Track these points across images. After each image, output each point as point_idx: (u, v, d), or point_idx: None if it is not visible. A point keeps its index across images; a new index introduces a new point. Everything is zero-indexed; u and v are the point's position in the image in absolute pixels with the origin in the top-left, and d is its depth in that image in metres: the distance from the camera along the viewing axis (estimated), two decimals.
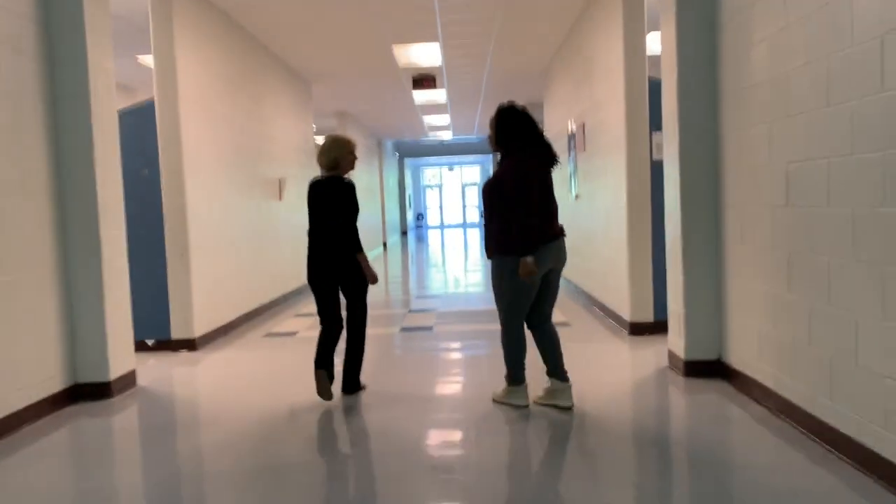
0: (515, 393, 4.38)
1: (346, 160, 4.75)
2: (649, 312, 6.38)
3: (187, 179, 6.44)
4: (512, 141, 4.22)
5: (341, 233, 4.58)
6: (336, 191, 4.64)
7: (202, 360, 6.19)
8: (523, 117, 4.26)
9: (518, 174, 4.13)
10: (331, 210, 4.63)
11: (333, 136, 4.83)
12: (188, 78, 6.56)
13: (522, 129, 4.22)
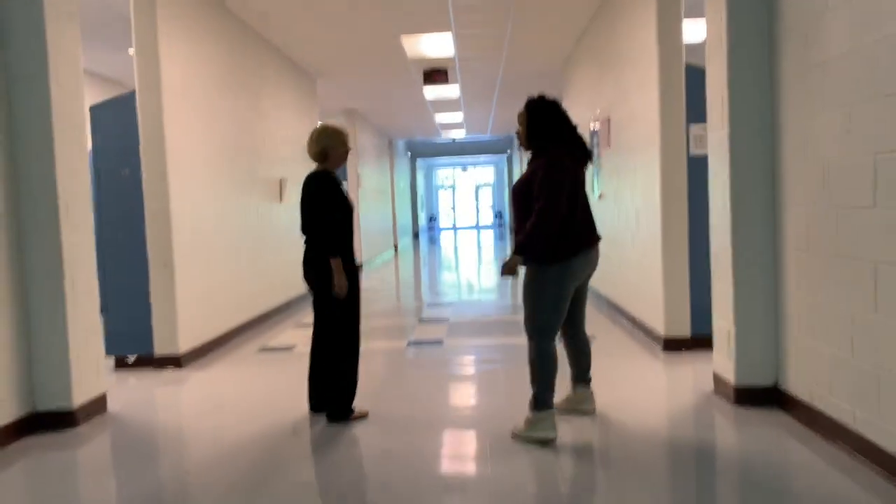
0: (543, 422, 3.76)
1: (335, 152, 4.16)
2: (686, 326, 5.70)
3: (172, 180, 5.82)
4: (545, 137, 3.79)
5: (313, 233, 4.10)
6: (310, 185, 4.13)
7: (187, 380, 5.57)
8: (556, 111, 3.84)
9: (553, 173, 3.65)
10: (306, 207, 4.16)
11: (323, 126, 4.26)
12: (174, 67, 5.95)
13: (556, 124, 3.81)
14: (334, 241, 4.05)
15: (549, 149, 3.76)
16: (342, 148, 4.19)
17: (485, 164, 34.51)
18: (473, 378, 5.33)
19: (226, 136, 7.10)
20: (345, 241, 4.13)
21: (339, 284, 4.04)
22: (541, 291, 3.76)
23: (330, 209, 4.06)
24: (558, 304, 3.77)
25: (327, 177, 4.14)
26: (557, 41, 9.36)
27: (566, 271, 3.74)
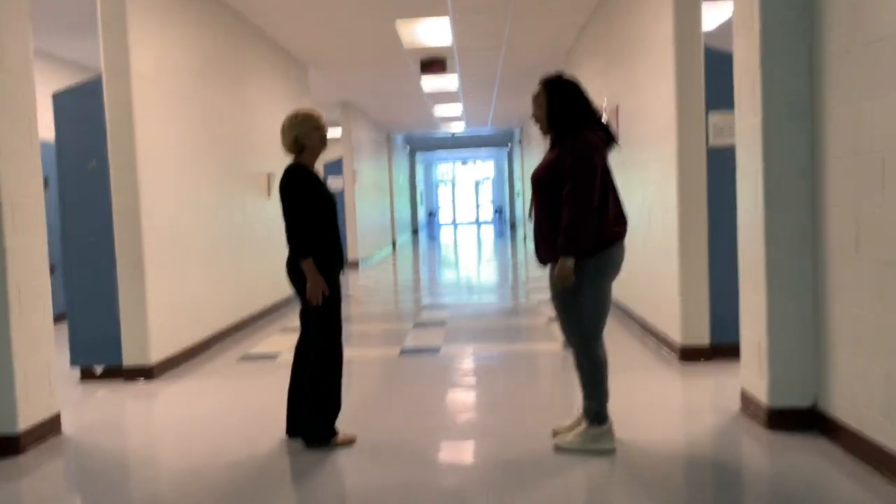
0: (603, 436, 3.47)
1: (310, 139, 3.70)
2: (704, 334, 5.20)
3: (142, 173, 5.32)
4: (568, 119, 3.38)
5: (287, 233, 3.64)
6: (281, 181, 3.67)
7: (157, 394, 5.08)
8: (577, 90, 3.44)
9: (585, 156, 3.29)
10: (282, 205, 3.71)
11: (292, 112, 3.80)
12: (145, 51, 5.44)
13: (579, 104, 3.43)
14: (303, 240, 3.58)
15: (574, 131, 3.35)
16: (316, 133, 3.70)
17: (485, 158, 33.99)
18: (473, 394, 4.83)
19: (206, 126, 6.60)
20: (323, 241, 3.64)
21: (312, 289, 3.57)
22: (581, 291, 3.35)
23: (298, 206, 3.59)
24: (603, 301, 3.41)
25: (297, 170, 3.67)
26: (560, 29, 8.84)
27: (606, 263, 3.37)
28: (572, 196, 3.26)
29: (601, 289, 3.40)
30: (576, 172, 3.26)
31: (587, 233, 3.28)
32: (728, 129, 5.18)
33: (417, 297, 9.81)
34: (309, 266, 3.56)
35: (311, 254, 3.57)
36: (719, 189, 5.16)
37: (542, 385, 4.92)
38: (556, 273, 3.34)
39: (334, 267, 3.70)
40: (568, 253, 3.29)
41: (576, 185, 3.26)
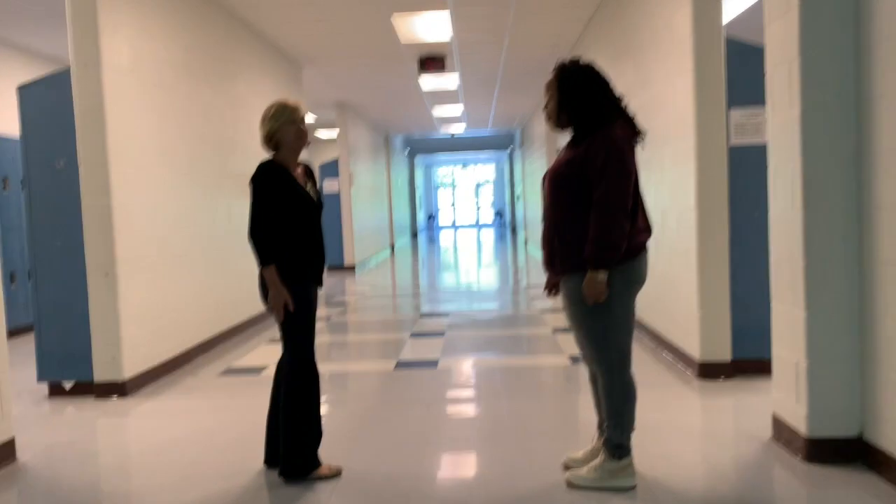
0: (623, 471, 3.05)
1: (284, 134, 3.30)
2: (726, 349, 4.79)
3: (115, 172, 4.90)
4: (591, 111, 2.97)
5: (250, 236, 3.23)
6: (251, 178, 3.26)
7: (131, 412, 4.66)
8: (598, 76, 3.03)
9: (620, 155, 2.88)
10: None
11: (268, 106, 3.33)
12: (119, 41, 5.03)
13: (604, 93, 3.00)
14: (266, 245, 3.18)
15: (602, 124, 2.93)
16: (290, 128, 3.29)
17: (485, 161, 33.58)
18: (474, 417, 4.40)
19: (189, 123, 6.18)
20: (296, 249, 3.23)
21: (273, 301, 3.17)
22: (608, 307, 2.93)
23: (265, 207, 3.19)
24: (629, 317, 3.01)
25: (269, 167, 3.25)
26: (565, 23, 8.42)
27: (634, 274, 2.97)
28: (606, 200, 2.85)
29: (629, 304, 3.00)
30: (610, 173, 2.85)
31: (622, 242, 2.88)
32: (751, 126, 4.78)
33: (415, 304, 9.39)
34: (271, 275, 3.16)
35: (274, 261, 3.16)
36: (741, 190, 4.76)
37: (549, 406, 4.50)
38: (585, 288, 2.91)
39: (308, 279, 3.28)
40: (601, 265, 2.87)
41: (610, 187, 2.85)
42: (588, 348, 3.05)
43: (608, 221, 2.85)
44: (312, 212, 3.31)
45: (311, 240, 3.29)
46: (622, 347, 3.01)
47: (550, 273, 3.14)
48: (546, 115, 3.09)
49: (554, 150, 13.80)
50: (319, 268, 3.37)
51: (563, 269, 3.02)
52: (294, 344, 3.27)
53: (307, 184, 3.39)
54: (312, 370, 3.30)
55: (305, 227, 3.27)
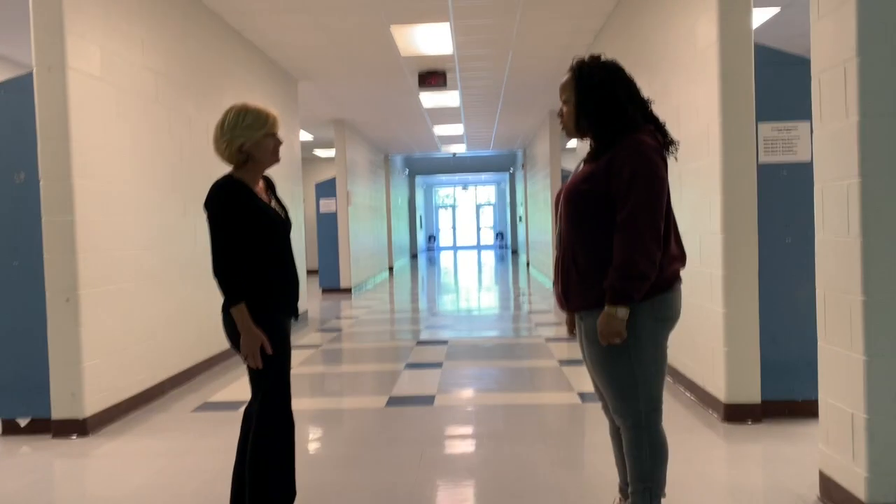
0: None
1: (260, 148, 2.85)
2: (755, 389, 4.30)
3: (79, 186, 4.44)
4: (617, 113, 2.49)
5: (215, 270, 2.74)
6: (207, 200, 2.78)
7: (91, 454, 4.16)
8: (624, 76, 2.57)
9: (650, 167, 2.41)
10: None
11: (234, 109, 2.87)
12: (87, 43, 4.59)
13: (629, 95, 2.53)
14: (234, 280, 2.70)
15: (627, 131, 2.47)
16: (269, 141, 2.82)
17: (486, 182, 33.23)
18: (473, 469, 3.89)
19: (169, 137, 5.73)
20: (264, 280, 2.76)
21: (245, 344, 2.68)
22: (636, 349, 2.46)
23: (229, 234, 2.70)
24: (661, 361, 2.52)
25: (231, 186, 2.77)
26: (573, 35, 8.01)
27: (667, 310, 2.50)
28: (633, 220, 2.37)
29: (661, 345, 2.51)
30: (638, 187, 2.38)
31: (651, 272, 2.40)
32: (782, 143, 4.33)
33: (412, 330, 8.89)
34: (241, 315, 2.68)
35: (243, 298, 2.69)
36: (770, 213, 4.30)
37: (558, 453, 3.98)
38: (600, 325, 2.43)
39: (279, 313, 2.81)
40: (622, 299, 2.38)
41: (638, 205, 2.37)
42: (611, 398, 2.56)
43: (634, 246, 2.37)
44: (282, 233, 2.84)
45: (282, 266, 2.82)
46: (652, 397, 2.52)
47: (565, 309, 2.66)
48: (561, 122, 2.63)
49: (559, 170, 13.37)
50: (293, 297, 2.89)
51: (580, 303, 2.54)
52: (265, 389, 2.79)
53: (270, 200, 2.93)
54: (286, 420, 2.81)
55: (275, 252, 2.80)
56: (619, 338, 2.40)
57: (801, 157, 4.32)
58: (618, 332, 2.39)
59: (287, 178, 9.12)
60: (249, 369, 2.79)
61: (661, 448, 2.55)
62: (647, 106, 2.57)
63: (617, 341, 2.41)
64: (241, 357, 2.74)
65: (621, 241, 2.39)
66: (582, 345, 2.65)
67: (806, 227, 4.31)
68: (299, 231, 9.76)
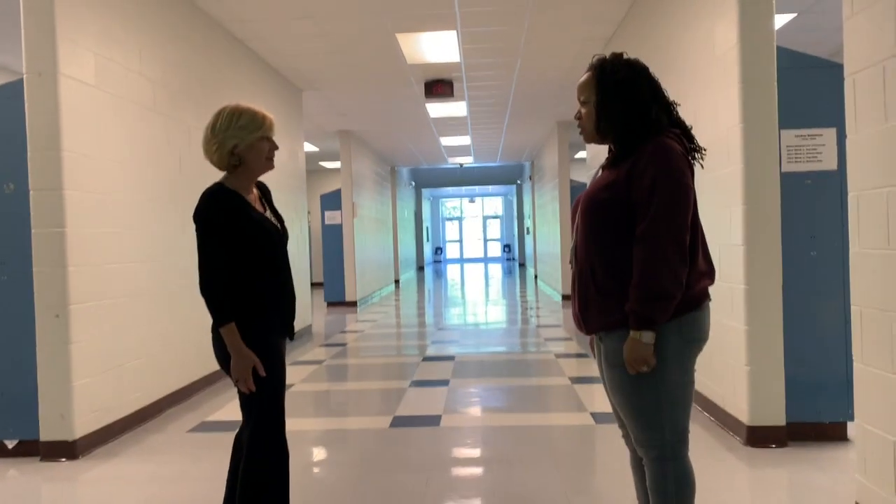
0: None
1: (256, 150, 2.63)
2: (779, 411, 4.07)
3: (71, 199, 4.26)
4: (642, 115, 2.27)
5: (202, 287, 2.53)
6: (196, 211, 2.58)
7: (79, 478, 3.96)
8: (650, 76, 2.36)
9: (675, 174, 2.19)
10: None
11: (226, 110, 2.64)
12: (81, 49, 4.42)
13: (654, 97, 2.32)
14: (223, 298, 2.49)
15: (649, 135, 2.25)
16: (264, 145, 2.61)
17: (493, 195, 33.09)
18: (481, 494, 3.67)
19: (167, 147, 5.56)
20: (259, 296, 2.56)
21: (237, 367, 2.47)
22: (661, 374, 2.23)
23: (217, 248, 2.50)
24: (688, 387, 2.30)
25: (221, 194, 2.56)
26: (584, 42, 7.82)
27: (692, 331, 2.27)
28: (655, 233, 2.15)
29: (688, 369, 2.29)
30: (662, 195, 2.16)
31: (676, 290, 2.18)
32: (806, 150, 4.13)
33: (418, 346, 8.67)
34: (232, 336, 2.47)
35: (233, 317, 2.48)
36: (794, 224, 4.09)
37: (571, 480, 3.75)
38: (627, 353, 2.21)
39: (273, 333, 2.60)
40: (647, 322, 2.16)
41: (661, 215, 2.15)
42: (634, 427, 2.34)
43: (656, 262, 2.15)
44: (277, 245, 2.64)
45: (277, 281, 2.62)
46: (679, 427, 2.30)
47: (583, 331, 2.44)
48: (579, 125, 2.42)
49: (568, 182, 13.17)
50: (289, 315, 2.69)
51: (599, 324, 2.32)
52: (257, 415, 2.57)
53: (265, 209, 2.73)
54: (279, 449, 2.60)
55: (270, 266, 2.60)
56: (648, 366, 2.19)
57: (826, 166, 4.11)
58: (644, 360, 2.18)
59: (291, 190, 8.95)
60: (240, 393, 2.59)
61: (689, 482, 2.32)
62: (672, 109, 2.36)
63: (645, 369, 2.19)
64: (232, 380, 2.54)
65: (642, 256, 2.18)
66: (601, 368, 2.43)
67: (832, 238, 4.11)
68: (303, 243, 9.57)
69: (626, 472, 2.58)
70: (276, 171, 8.82)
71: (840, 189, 4.09)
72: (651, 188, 2.16)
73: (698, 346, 2.30)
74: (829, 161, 4.10)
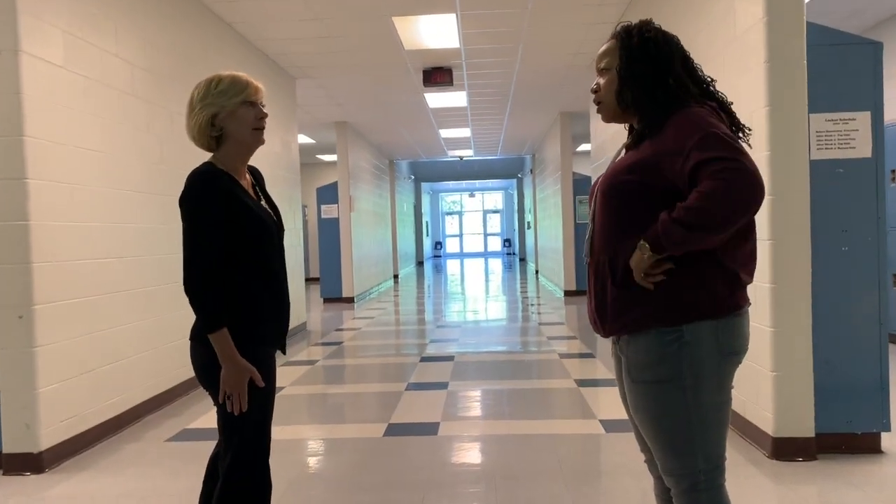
0: None
1: (238, 119, 2.25)
2: (808, 422, 3.73)
3: (35, 189, 3.91)
4: (675, 84, 1.95)
5: (186, 285, 2.14)
6: (182, 195, 2.19)
7: (44, 495, 3.62)
8: (680, 46, 2.05)
9: (716, 133, 1.80)
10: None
11: (204, 80, 2.27)
12: (48, 25, 4.07)
13: (686, 68, 2.01)
14: (212, 299, 2.12)
15: (677, 105, 1.92)
16: (248, 111, 2.23)
17: (493, 189, 32.73)
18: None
19: (148, 135, 5.20)
20: (250, 298, 2.20)
21: (229, 381, 2.12)
22: (692, 391, 1.90)
23: (206, 239, 2.13)
24: (725, 406, 1.96)
25: (208, 177, 2.17)
26: (591, 27, 7.47)
27: (731, 340, 1.93)
28: (719, 174, 1.75)
29: (726, 386, 1.95)
30: (716, 148, 1.78)
31: (726, 226, 1.79)
32: (837, 136, 3.78)
33: (417, 345, 8.33)
34: (223, 344, 2.10)
35: (225, 321, 2.12)
36: (824, 216, 3.74)
37: (583, 501, 3.42)
38: (633, 258, 1.89)
39: (265, 343, 2.24)
40: (673, 242, 1.82)
41: (723, 160, 1.76)
42: (660, 454, 2.00)
43: (722, 195, 1.75)
44: (273, 239, 2.26)
45: (272, 281, 2.25)
46: (714, 453, 1.96)
47: (601, 333, 2.10)
48: (596, 99, 2.08)
49: (571, 174, 12.81)
50: (283, 323, 2.32)
51: (620, 325, 1.98)
52: (239, 445, 2.19)
53: (259, 197, 2.37)
54: (261, 481, 2.23)
55: (264, 264, 2.23)
56: (650, 277, 1.87)
57: (859, 153, 3.76)
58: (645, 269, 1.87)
59: (286, 182, 8.60)
60: (221, 413, 2.20)
61: None
62: (706, 82, 2.02)
63: (643, 280, 1.88)
64: (220, 396, 2.15)
65: (706, 189, 1.77)
66: (620, 381, 2.10)
67: (865, 232, 3.76)
68: (298, 238, 9.22)
69: (642, 488, 2.24)
70: (270, 163, 8.53)
71: (875, 178, 3.75)
72: (700, 144, 1.80)
73: (737, 360, 1.96)
74: (862, 148, 3.75)
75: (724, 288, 1.90)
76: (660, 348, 1.92)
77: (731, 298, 1.91)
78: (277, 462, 2.37)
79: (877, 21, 7.44)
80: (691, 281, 1.88)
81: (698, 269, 1.87)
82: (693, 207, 1.78)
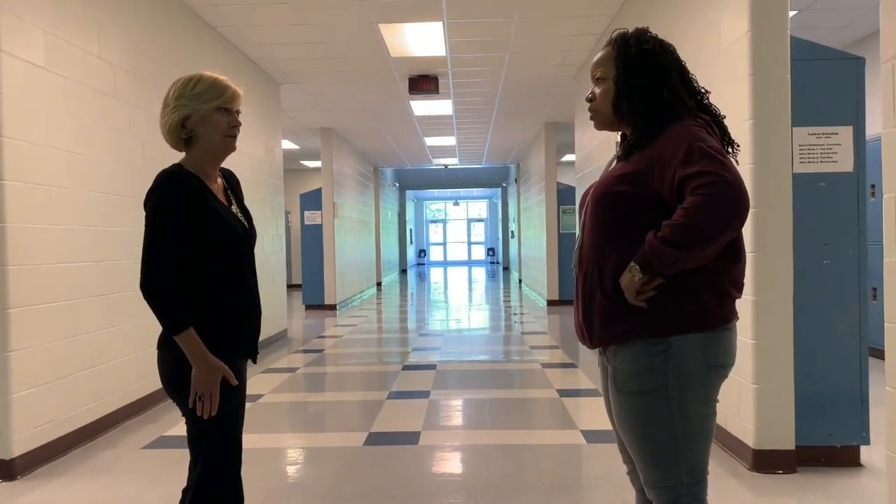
0: None
1: (211, 124, 2.18)
2: (789, 434, 3.73)
3: (11, 190, 3.85)
4: (669, 97, 1.94)
5: (143, 288, 2.10)
6: (146, 197, 2.12)
7: (18, 501, 3.54)
8: (677, 57, 2.03)
9: (706, 148, 1.81)
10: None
11: (179, 80, 2.22)
12: (29, 25, 4.01)
13: (682, 79, 1.99)
14: (173, 300, 2.07)
15: (671, 119, 1.91)
16: (222, 117, 2.16)
17: (478, 198, 32.79)
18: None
19: (131, 138, 5.14)
20: (217, 305, 2.15)
21: (200, 381, 2.07)
22: (677, 403, 1.90)
23: (168, 240, 2.07)
24: (710, 419, 1.95)
25: (174, 178, 2.11)
26: (576, 38, 7.50)
27: (718, 354, 1.93)
28: (705, 189, 1.75)
29: (712, 399, 1.95)
30: (704, 162, 1.77)
31: (715, 241, 1.78)
32: (820, 150, 3.80)
33: (399, 353, 8.29)
34: (190, 341, 2.05)
35: (190, 321, 2.07)
36: (806, 230, 3.76)
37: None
38: (623, 279, 1.88)
39: (235, 353, 2.18)
40: (648, 265, 1.82)
41: (709, 175, 1.75)
42: (643, 465, 1.98)
43: (708, 210, 1.75)
44: (243, 246, 2.22)
45: (242, 290, 2.20)
46: (696, 465, 1.95)
47: (587, 345, 2.08)
48: (591, 108, 2.08)
49: (555, 184, 12.85)
50: (253, 332, 2.27)
51: (607, 337, 1.96)
52: (208, 456, 2.13)
53: (231, 202, 2.32)
54: (232, 490, 2.17)
55: (234, 271, 2.18)
56: (639, 297, 1.87)
57: (841, 167, 3.79)
58: (636, 290, 1.86)
59: (268, 188, 8.54)
60: (190, 423, 2.14)
61: None
62: (700, 94, 2.02)
63: (639, 294, 1.86)
64: (190, 399, 2.08)
65: (690, 205, 1.77)
66: (606, 392, 2.08)
67: (847, 246, 3.79)
68: (279, 244, 9.17)
69: (623, 499, 2.22)
70: (253, 168, 8.46)
71: (857, 192, 3.78)
72: (686, 157, 1.80)
73: (724, 373, 1.95)
74: (844, 162, 3.78)
75: (714, 302, 1.89)
76: (646, 359, 1.91)
77: (720, 313, 1.90)
78: (256, 471, 2.33)
79: (862, 35, 7.53)
80: (681, 295, 1.87)
81: (688, 284, 1.87)
82: (678, 224, 1.78)
